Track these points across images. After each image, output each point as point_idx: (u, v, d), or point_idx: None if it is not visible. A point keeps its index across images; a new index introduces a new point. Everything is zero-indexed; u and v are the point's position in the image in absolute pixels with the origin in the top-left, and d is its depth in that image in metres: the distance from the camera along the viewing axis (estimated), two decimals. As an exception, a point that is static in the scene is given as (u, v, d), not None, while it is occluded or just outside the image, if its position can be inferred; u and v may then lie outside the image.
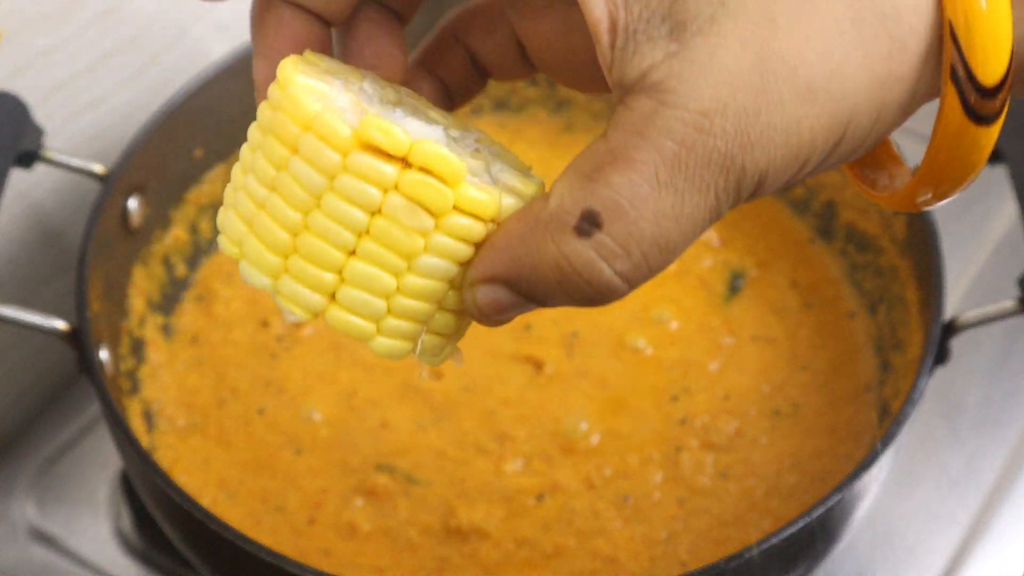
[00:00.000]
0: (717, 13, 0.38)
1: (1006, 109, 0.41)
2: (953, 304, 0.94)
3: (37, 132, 0.77)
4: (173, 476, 0.75)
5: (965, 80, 0.40)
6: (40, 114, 0.80)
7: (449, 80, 0.48)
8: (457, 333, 0.44)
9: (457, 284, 0.42)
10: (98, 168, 0.78)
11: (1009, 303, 0.72)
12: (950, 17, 0.39)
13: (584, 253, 0.39)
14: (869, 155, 0.46)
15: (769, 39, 0.38)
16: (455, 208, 0.41)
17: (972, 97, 0.40)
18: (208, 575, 0.71)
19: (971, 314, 0.72)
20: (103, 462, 0.87)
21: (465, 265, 0.42)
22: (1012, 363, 0.92)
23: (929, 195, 0.43)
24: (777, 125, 0.39)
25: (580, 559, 0.72)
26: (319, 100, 0.42)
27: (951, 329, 0.72)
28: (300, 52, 0.44)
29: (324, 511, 0.75)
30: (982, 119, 0.40)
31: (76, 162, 0.78)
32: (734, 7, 0.38)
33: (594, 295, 0.40)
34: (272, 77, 0.43)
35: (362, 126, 0.41)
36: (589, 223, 0.39)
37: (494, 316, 0.42)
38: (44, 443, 0.89)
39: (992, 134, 0.41)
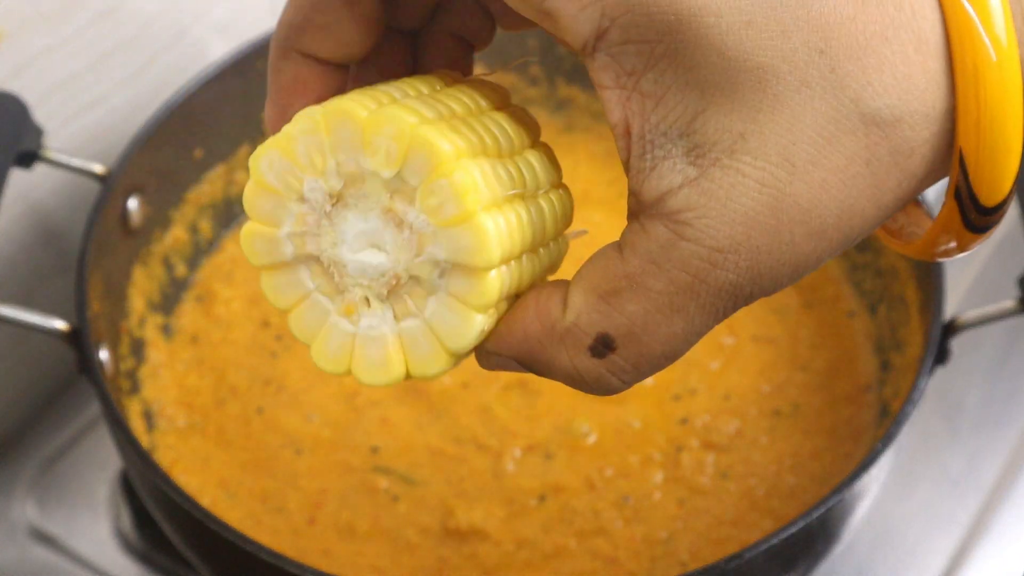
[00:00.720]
0: (736, 145, 0.39)
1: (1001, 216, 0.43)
2: (953, 304, 0.94)
3: (37, 132, 0.77)
4: (173, 476, 0.75)
5: (968, 201, 0.41)
6: (40, 114, 0.80)
7: (464, 32, 0.49)
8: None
9: None
10: (98, 168, 0.78)
11: (1009, 303, 0.72)
12: (961, 145, 0.40)
13: (596, 370, 0.42)
14: None
15: (786, 183, 0.39)
16: (410, 376, 0.44)
17: (972, 215, 0.42)
18: (208, 575, 0.71)
19: (971, 314, 0.72)
20: (103, 462, 0.87)
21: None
22: (1012, 363, 0.92)
23: (953, 244, 0.44)
24: (787, 261, 0.41)
25: (580, 559, 0.72)
26: (262, 261, 0.44)
27: (951, 329, 0.72)
28: (311, 102, 0.45)
29: (324, 511, 0.75)
30: (980, 230, 0.43)
31: (76, 162, 0.78)
32: (754, 143, 0.39)
33: (596, 393, 0.43)
34: (281, 124, 0.44)
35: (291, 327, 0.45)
36: (603, 346, 0.41)
37: (501, 371, 0.45)
38: (44, 443, 0.89)
39: (987, 237, 0.43)
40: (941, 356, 0.71)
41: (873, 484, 0.69)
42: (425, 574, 0.72)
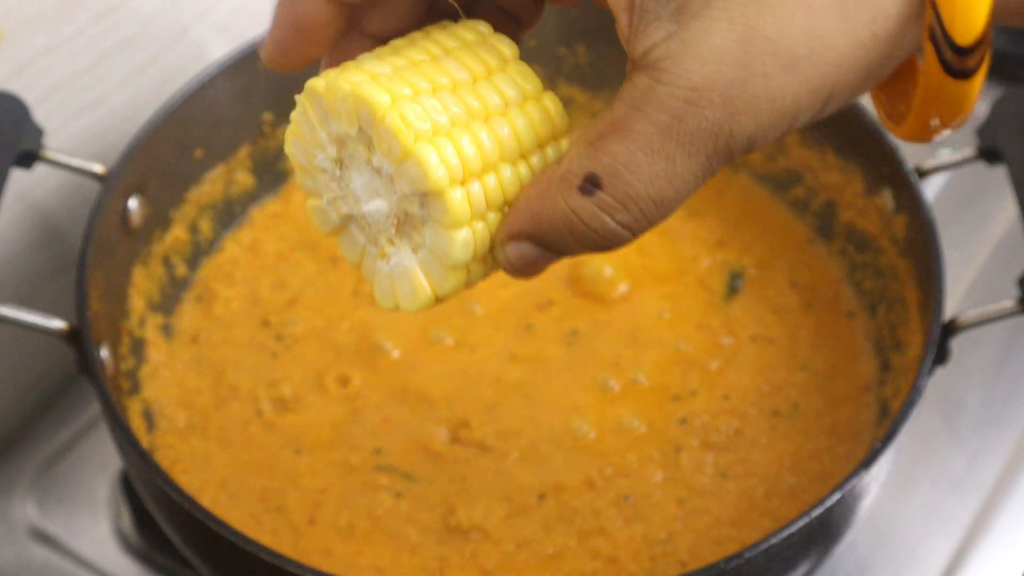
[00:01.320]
0: None
1: (985, 64, 0.45)
2: (953, 304, 0.94)
3: (37, 132, 0.77)
4: (173, 476, 0.75)
5: (942, 40, 0.44)
6: (40, 114, 0.80)
7: (509, 6, 0.52)
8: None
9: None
10: (98, 168, 0.78)
11: (1009, 303, 0.72)
12: None
13: (588, 208, 0.45)
14: (889, 83, 0.49)
15: (755, 17, 0.43)
16: (439, 298, 0.50)
17: (948, 55, 0.44)
18: (208, 575, 0.71)
19: (971, 314, 0.72)
20: (103, 462, 0.88)
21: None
22: (1012, 363, 0.92)
23: (937, 122, 0.46)
24: (761, 94, 0.43)
25: (580, 559, 0.72)
26: (326, 230, 0.53)
27: (951, 329, 0.72)
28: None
29: (324, 511, 0.75)
30: (959, 74, 0.45)
31: (76, 162, 0.78)
32: None
33: (602, 242, 0.46)
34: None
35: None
36: (591, 184, 0.45)
37: (525, 269, 0.48)
38: (44, 443, 0.89)
39: (973, 86, 0.45)
40: (941, 356, 0.72)
41: (873, 484, 0.69)
42: (426, 574, 0.72)
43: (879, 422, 0.77)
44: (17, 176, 0.81)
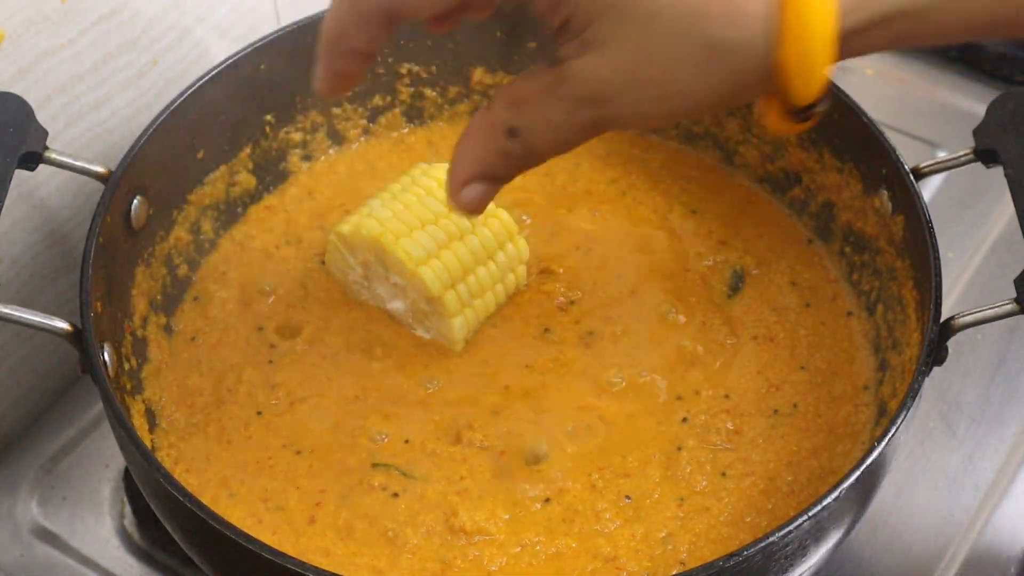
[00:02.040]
0: (610, 36, 0.60)
1: (821, 109, 0.60)
2: (950, 304, 0.94)
3: (41, 133, 0.77)
4: (175, 475, 0.76)
5: (785, 100, 0.59)
6: (43, 115, 0.80)
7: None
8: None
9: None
10: (101, 169, 0.78)
11: (1006, 304, 0.72)
12: (781, 59, 0.58)
13: (513, 145, 0.64)
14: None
15: (637, 68, 0.59)
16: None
17: (790, 110, 0.60)
18: (209, 573, 0.71)
19: (968, 314, 0.72)
20: (105, 461, 0.88)
21: None
22: (1009, 363, 0.92)
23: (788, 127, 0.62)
24: (630, 113, 0.61)
25: (581, 559, 0.73)
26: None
27: (948, 329, 0.72)
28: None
29: (324, 510, 0.75)
30: (797, 119, 0.61)
31: (79, 163, 0.78)
32: (617, 38, 0.59)
33: (523, 166, 0.65)
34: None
35: None
36: (512, 134, 0.63)
37: (477, 206, 0.65)
38: (47, 442, 0.89)
39: (810, 122, 0.61)
40: (938, 356, 0.72)
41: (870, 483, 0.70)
42: (427, 574, 0.72)
43: (877, 421, 0.77)
44: (21, 177, 0.81)
